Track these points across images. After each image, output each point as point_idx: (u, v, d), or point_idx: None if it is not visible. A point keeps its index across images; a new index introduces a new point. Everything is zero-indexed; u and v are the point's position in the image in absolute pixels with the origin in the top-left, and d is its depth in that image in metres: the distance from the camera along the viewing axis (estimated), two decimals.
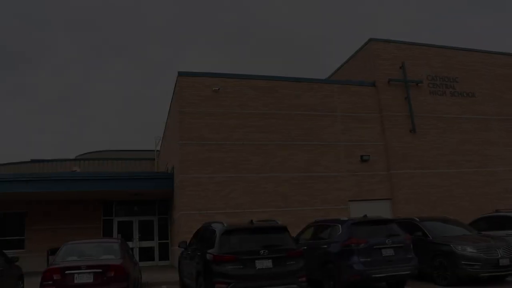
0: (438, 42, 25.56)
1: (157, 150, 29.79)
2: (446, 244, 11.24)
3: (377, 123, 19.96)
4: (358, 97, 20.02)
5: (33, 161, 29.57)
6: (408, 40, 21.74)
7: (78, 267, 9.04)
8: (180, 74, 18.14)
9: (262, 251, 8.59)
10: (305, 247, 11.30)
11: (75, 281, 8.92)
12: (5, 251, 12.66)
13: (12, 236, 21.60)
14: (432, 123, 20.50)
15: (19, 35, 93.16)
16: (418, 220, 12.68)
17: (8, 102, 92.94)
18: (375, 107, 20.11)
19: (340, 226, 10.96)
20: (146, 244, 22.45)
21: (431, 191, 19.66)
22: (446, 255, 11.12)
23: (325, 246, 11.01)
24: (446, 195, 19.79)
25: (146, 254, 22.28)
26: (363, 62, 21.40)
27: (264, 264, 8.56)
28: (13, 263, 12.09)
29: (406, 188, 19.38)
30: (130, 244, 20.94)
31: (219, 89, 18.13)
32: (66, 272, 8.96)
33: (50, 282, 8.89)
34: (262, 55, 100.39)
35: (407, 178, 19.48)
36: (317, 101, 19.40)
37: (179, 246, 12.08)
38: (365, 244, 10.16)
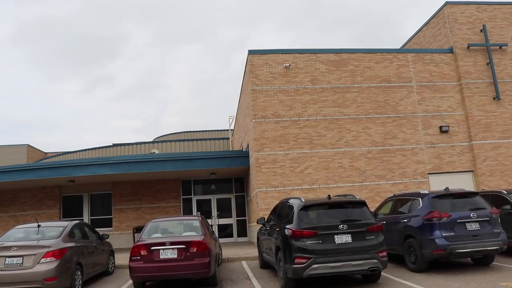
0: None
1: (231, 129, 30.27)
2: None
3: (456, 91, 19.01)
4: (435, 66, 19.14)
5: (114, 145, 30.93)
6: (489, 0, 20.31)
7: (163, 244, 9.42)
8: (251, 52, 18.21)
9: (341, 226, 8.48)
10: (384, 222, 11.11)
11: (161, 257, 9.33)
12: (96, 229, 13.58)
13: (101, 215, 23.05)
14: None
15: (96, 28, 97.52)
16: (505, 192, 11.93)
17: (90, 91, 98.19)
18: (453, 75, 19.15)
19: (420, 199, 10.60)
20: (224, 221, 23.07)
21: None
22: None
23: (405, 221, 10.72)
24: None
25: (225, 231, 22.94)
26: (438, 28, 20.34)
27: (343, 239, 8.46)
28: (104, 240, 12.93)
29: (490, 159, 18.40)
30: (209, 221, 21.65)
31: (290, 65, 18.05)
32: (152, 248, 9.40)
33: (138, 257, 9.38)
34: (331, 31, 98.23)
35: (491, 149, 18.48)
36: (391, 72, 18.79)
37: (257, 223, 12.25)
38: (448, 218, 9.79)
